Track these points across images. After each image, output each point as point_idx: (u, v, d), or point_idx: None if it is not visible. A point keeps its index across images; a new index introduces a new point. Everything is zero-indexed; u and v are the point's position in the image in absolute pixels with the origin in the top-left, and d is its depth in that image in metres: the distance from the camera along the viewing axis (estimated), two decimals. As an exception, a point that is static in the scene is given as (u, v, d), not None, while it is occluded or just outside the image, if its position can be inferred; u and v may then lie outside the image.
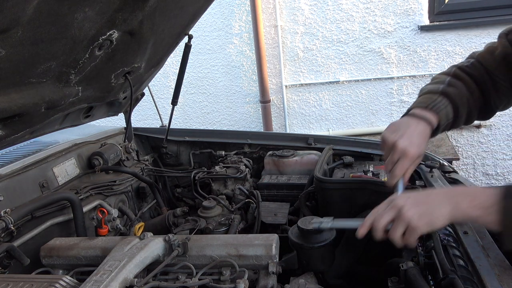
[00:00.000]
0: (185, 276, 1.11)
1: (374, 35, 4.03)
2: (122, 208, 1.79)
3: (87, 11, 1.03)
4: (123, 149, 2.02)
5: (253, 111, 4.55)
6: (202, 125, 4.69)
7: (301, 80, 4.30)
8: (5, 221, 1.23)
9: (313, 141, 2.12)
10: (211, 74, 4.48)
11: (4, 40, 0.90)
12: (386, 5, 3.91)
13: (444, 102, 1.17)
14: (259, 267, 1.14)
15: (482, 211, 0.88)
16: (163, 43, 1.61)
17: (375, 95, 4.20)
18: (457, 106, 1.18)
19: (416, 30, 3.92)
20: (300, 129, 4.47)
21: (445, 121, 1.17)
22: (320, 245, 1.15)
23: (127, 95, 1.84)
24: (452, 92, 1.18)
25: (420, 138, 1.10)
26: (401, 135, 1.09)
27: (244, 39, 4.28)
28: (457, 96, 1.18)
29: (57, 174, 1.67)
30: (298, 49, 4.20)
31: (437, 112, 1.15)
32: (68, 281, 1.02)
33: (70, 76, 1.28)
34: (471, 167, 4.19)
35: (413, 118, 1.15)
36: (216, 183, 1.94)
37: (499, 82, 1.20)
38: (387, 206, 0.96)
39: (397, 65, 4.07)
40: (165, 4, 1.29)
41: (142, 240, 1.17)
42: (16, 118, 1.25)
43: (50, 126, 1.57)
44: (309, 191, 1.65)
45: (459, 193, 0.94)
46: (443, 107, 1.16)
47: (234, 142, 2.26)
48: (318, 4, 4.04)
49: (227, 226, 1.59)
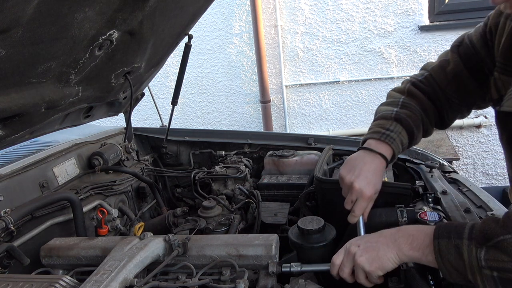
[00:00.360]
0: (185, 276, 1.11)
1: (374, 35, 4.03)
2: (122, 208, 1.78)
3: (87, 11, 1.03)
4: (123, 149, 2.02)
5: (253, 111, 4.55)
6: (202, 125, 4.69)
7: (301, 80, 4.31)
8: (5, 221, 1.23)
9: (313, 141, 2.12)
10: (211, 74, 4.48)
11: (4, 40, 0.90)
12: (386, 5, 3.91)
13: (398, 128, 1.16)
14: (259, 267, 1.14)
15: (421, 252, 0.92)
16: (163, 43, 1.61)
17: (375, 95, 4.20)
18: (411, 130, 1.17)
19: (416, 30, 3.93)
20: (300, 129, 4.47)
21: (400, 148, 1.17)
22: (320, 245, 1.15)
23: (127, 95, 1.84)
24: (404, 117, 1.17)
25: (376, 175, 1.12)
26: (357, 175, 1.11)
27: (244, 39, 4.28)
28: (410, 118, 1.17)
29: (57, 174, 1.67)
30: (298, 49, 4.20)
31: (390, 142, 1.15)
32: (68, 281, 1.02)
33: (70, 76, 1.28)
34: (471, 167, 4.19)
35: (368, 154, 1.15)
36: (216, 183, 1.94)
37: (451, 99, 1.20)
38: (344, 254, 1.02)
39: (397, 65, 4.08)
40: (165, 4, 1.29)
41: (142, 240, 1.17)
42: (16, 118, 1.25)
43: (50, 126, 1.57)
44: (309, 191, 1.65)
45: (400, 235, 0.96)
46: (396, 136, 1.16)
47: (234, 142, 2.26)
48: (318, 4, 4.04)
49: (227, 226, 1.59)
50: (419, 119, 1.19)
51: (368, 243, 1.00)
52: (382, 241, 0.97)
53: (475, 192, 1.47)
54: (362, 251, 0.98)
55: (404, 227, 1.00)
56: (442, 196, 1.38)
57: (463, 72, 1.13)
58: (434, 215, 1.20)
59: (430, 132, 1.28)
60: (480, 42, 1.09)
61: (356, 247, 1.00)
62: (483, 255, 0.82)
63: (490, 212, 1.31)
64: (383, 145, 1.15)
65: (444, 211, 1.29)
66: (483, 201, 1.39)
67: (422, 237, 0.92)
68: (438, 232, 0.90)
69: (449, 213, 1.26)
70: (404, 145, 1.19)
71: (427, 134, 1.27)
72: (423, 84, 1.23)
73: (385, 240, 0.97)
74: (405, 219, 1.26)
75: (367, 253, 0.97)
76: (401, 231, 0.98)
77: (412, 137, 1.19)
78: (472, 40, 1.12)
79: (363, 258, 0.97)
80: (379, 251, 0.96)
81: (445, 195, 1.39)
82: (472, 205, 1.37)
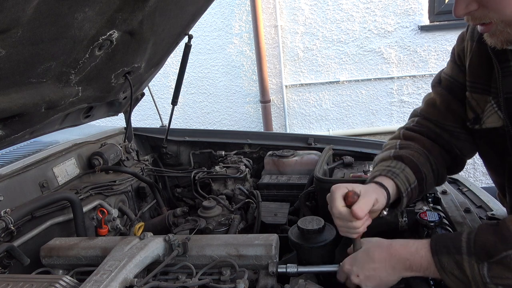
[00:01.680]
0: (185, 276, 1.11)
1: (374, 35, 4.03)
2: (122, 208, 1.78)
3: (87, 11, 1.03)
4: (123, 149, 2.02)
5: (253, 111, 4.55)
6: (202, 125, 4.69)
7: (301, 80, 4.31)
8: (5, 221, 1.23)
9: (313, 141, 2.12)
10: (211, 74, 4.48)
11: (4, 40, 0.90)
12: (386, 5, 3.92)
13: (400, 165, 1.07)
14: (259, 267, 1.14)
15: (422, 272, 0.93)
16: (163, 43, 1.61)
17: (375, 95, 4.20)
18: (416, 167, 1.08)
19: (416, 30, 3.93)
20: (300, 129, 4.47)
21: (407, 185, 1.05)
22: (320, 245, 1.15)
23: (127, 95, 1.84)
24: (405, 154, 1.09)
25: None
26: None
27: (244, 39, 4.29)
28: (412, 156, 1.09)
29: (57, 174, 1.67)
30: (298, 49, 4.20)
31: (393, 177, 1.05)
32: (68, 281, 1.02)
33: (70, 76, 1.28)
34: (471, 167, 4.19)
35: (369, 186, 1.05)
36: (216, 183, 1.94)
37: (454, 130, 1.13)
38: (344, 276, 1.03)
39: (397, 65, 4.08)
40: (165, 4, 1.29)
41: (142, 240, 1.17)
42: (16, 118, 1.25)
43: (50, 126, 1.57)
44: (309, 191, 1.65)
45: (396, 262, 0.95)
46: (399, 172, 1.06)
47: (234, 142, 2.26)
48: (318, 4, 4.04)
49: (227, 226, 1.59)
50: (423, 157, 1.10)
51: (366, 271, 0.98)
52: (380, 269, 0.96)
53: (475, 192, 1.48)
54: (365, 281, 0.98)
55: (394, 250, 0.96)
56: (442, 196, 1.38)
57: (453, 102, 1.12)
58: (434, 215, 1.20)
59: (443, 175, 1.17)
60: (455, 70, 1.11)
61: (356, 277, 0.99)
62: (486, 271, 0.82)
63: (490, 212, 1.31)
64: (385, 179, 1.05)
65: (444, 211, 1.29)
66: (483, 201, 1.39)
67: (419, 260, 0.92)
68: (435, 248, 0.90)
69: (449, 213, 1.26)
70: (412, 184, 1.06)
71: (440, 177, 1.16)
72: (417, 127, 1.19)
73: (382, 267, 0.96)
74: (405, 219, 1.26)
75: (371, 282, 0.97)
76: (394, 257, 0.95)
77: (420, 175, 1.07)
78: (447, 72, 1.14)
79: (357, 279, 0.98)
80: (382, 278, 0.96)
81: (445, 195, 1.39)
82: (472, 205, 1.37)
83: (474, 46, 1.02)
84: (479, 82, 1.02)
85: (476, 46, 1.01)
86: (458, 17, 0.88)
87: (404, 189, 1.05)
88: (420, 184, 1.08)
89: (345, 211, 0.97)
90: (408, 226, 1.26)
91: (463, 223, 1.19)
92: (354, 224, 0.98)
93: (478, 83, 1.02)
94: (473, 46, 1.02)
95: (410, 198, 1.08)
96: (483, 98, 1.01)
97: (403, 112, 4.18)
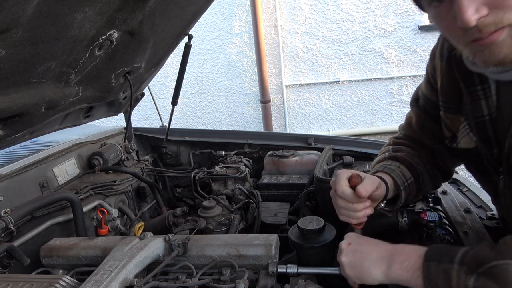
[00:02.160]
0: (185, 276, 1.11)
1: (374, 35, 4.03)
2: (122, 208, 1.79)
3: (87, 11, 1.03)
4: (123, 149, 2.02)
5: (253, 111, 4.55)
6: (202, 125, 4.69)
7: (301, 80, 4.31)
8: (5, 221, 1.23)
9: (313, 141, 2.12)
10: (211, 74, 4.48)
11: (4, 40, 0.90)
12: (386, 5, 3.92)
13: (395, 164, 1.11)
14: (259, 267, 1.14)
15: (411, 273, 0.85)
16: (163, 43, 1.61)
17: (375, 95, 4.20)
18: (411, 165, 1.10)
19: (416, 30, 3.93)
20: (300, 129, 4.47)
21: (403, 180, 1.07)
22: (320, 245, 1.15)
23: (127, 95, 1.84)
24: (400, 155, 1.12)
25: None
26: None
27: (244, 39, 4.29)
28: (406, 156, 1.12)
29: (57, 174, 1.67)
30: (298, 49, 4.20)
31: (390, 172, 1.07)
32: (68, 281, 1.02)
33: (70, 76, 1.28)
34: (471, 167, 4.19)
35: None
36: (216, 183, 1.94)
37: (433, 147, 1.15)
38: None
39: (397, 65, 4.08)
40: (165, 4, 1.29)
41: (142, 240, 1.17)
42: (16, 118, 1.25)
43: (50, 126, 1.57)
44: (309, 191, 1.65)
45: (394, 253, 0.90)
46: (395, 168, 1.09)
47: (234, 142, 2.26)
48: (318, 4, 4.04)
49: (227, 226, 1.59)
50: (416, 157, 1.13)
51: (359, 245, 0.95)
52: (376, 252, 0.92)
53: (475, 192, 1.47)
54: (349, 252, 0.94)
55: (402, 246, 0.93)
56: (442, 196, 1.38)
57: (427, 121, 1.12)
58: (434, 215, 1.20)
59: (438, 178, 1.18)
60: (428, 89, 1.10)
61: (347, 244, 0.96)
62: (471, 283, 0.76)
63: (490, 212, 1.31)
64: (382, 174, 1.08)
65: (444, 211, 1.29)
66: (483, 201, 1.39)
67: (415, 258, 0.86)
68: (429, 254, 0.85)
69: (449, 213, 1.26)
70: (408, 179, 1.09)
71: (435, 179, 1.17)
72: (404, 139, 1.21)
73: (379, 251, 0.92)
74: (405, 219, 1.26)
75: (353, 256, 0.94)
76: (397, 248, 0.92)
77: (415, 173, 1.10)
78: (423, 91, 1.13)
79: (346, 259, 0.94)
80: (365, 261, 0.91)
81: (445, 195, 1.39)
82: (472, 205, 1.37)
83: (443, 65, 1.00)
84: (451, 102, 1.00)
85: (446, 67, 0.99)
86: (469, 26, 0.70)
87: (401, 182, 1.07)
88: (417, 181, 1.10)
89: (349, 191, 0.97)
90: (408, 226, 1.26)
91: (463, 223, 1.19)
92: (356, 206, 0.97)
93: (450, 104, 1.01)
94: (443, 65, 1.00)
95: (409, 194, 1.09)
96: (457, 118, 0.99)
97: (403, 112, 4.18)
